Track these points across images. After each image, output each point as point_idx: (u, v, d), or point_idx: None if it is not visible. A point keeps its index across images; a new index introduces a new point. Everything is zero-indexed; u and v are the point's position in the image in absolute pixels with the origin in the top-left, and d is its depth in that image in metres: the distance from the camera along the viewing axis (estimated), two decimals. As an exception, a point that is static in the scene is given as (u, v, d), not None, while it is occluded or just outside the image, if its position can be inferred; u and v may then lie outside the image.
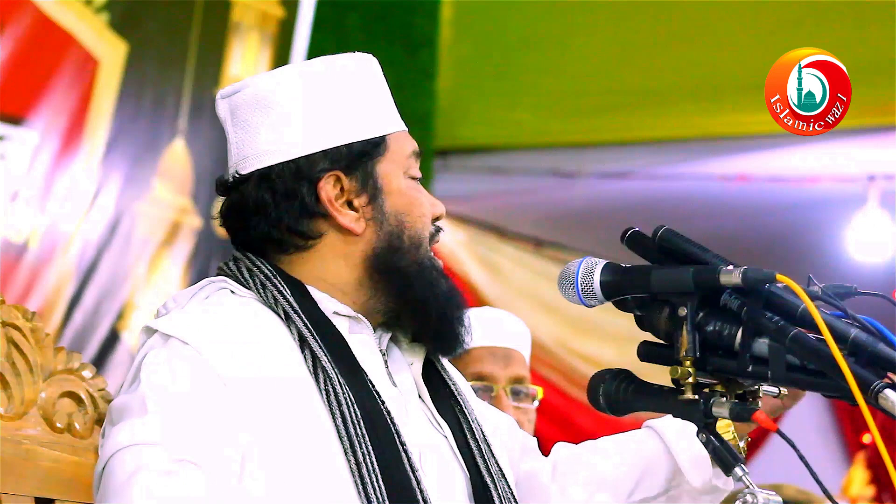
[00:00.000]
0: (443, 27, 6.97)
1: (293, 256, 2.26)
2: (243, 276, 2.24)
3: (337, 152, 2.26)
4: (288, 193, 2.24)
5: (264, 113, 2.26)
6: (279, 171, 2.24)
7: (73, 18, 5.58)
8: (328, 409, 2.14)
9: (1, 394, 2.20)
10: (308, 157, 2.25)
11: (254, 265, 2.25)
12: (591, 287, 2.19)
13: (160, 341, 2.16)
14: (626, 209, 7.05)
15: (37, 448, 2.22)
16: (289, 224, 2.24)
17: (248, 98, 2.27)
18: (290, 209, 2.24)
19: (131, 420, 2.08)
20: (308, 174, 2.24)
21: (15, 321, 2.22)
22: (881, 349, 1.98)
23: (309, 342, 2.18)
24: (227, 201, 2.29)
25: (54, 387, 2.26)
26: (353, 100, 2.30)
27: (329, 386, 2.15)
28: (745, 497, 2.04)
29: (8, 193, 5.40)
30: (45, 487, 2.21)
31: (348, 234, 2.26)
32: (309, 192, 2.24)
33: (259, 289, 2.23)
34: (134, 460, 2.03)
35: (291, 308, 2.20)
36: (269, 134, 2.26)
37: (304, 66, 2.31)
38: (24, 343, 2.23)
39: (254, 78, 2.30)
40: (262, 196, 2.24)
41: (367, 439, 2.13)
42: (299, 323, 2.19)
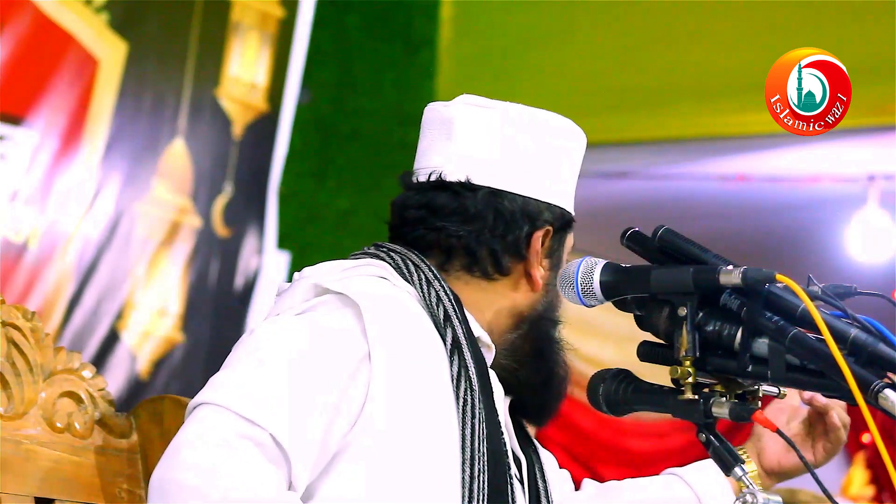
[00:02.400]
0: (443, 27, 6.97)
1: (470, 278, 2.28)
2: (407, 269, 2.24)
3: (557, 211, 2.34)
4: (509, 223, 2.27)
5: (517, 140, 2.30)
6: (511, 199, 2.28)
7: (73, 18, 5.59)
8: (460, 417, 2.14)
9: (1, 394, 2.20)
10: (538, 202, 2.30)
11: (422, 262, 2.25)
12: (591, 287, 2.19)
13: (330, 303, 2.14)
14: (626, 209, 7.06)
15: (37, 448, 2.22)
16: (493, 249, 2.27)
17: (509, 119, 2.32)
18: (502, 237, 2.27)
19: (233, 371, 2.06)
20: (532, 217, 2.29)
21: (15, 321, 2.22)
22: (881, 349, 1.98)
23: (462, 347, 2.18)
24: (431, 194, 2.28)
25: (54, 387, 2.26)
26: (575, 171, 2.38)
27: (468, 396, 2.16)
28: (745, 497, 2.04)
29: (8, 193, 5.41)
30: (45, 487, 2.21)
31: (524, 287, 2.30)
32: (525, 233, 2.29)
33: (422, 286, 2.22)
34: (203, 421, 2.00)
35: (454, 311, 2.21)
36: (516, 162, 2.29)
37: (567, 122, 2.37)
38: (24, 343, 2.23)
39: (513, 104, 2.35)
40: (485, 211, 2.26)
41: (486, 457, 2.14)
42: (458, 327, 2.20)
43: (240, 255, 6.09)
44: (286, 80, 6.37)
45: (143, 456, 2.30)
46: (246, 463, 1.98)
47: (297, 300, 2.18)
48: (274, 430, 2.00)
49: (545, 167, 2.32)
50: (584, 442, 7.88)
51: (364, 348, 2.10)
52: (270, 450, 2.01)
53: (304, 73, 6.45)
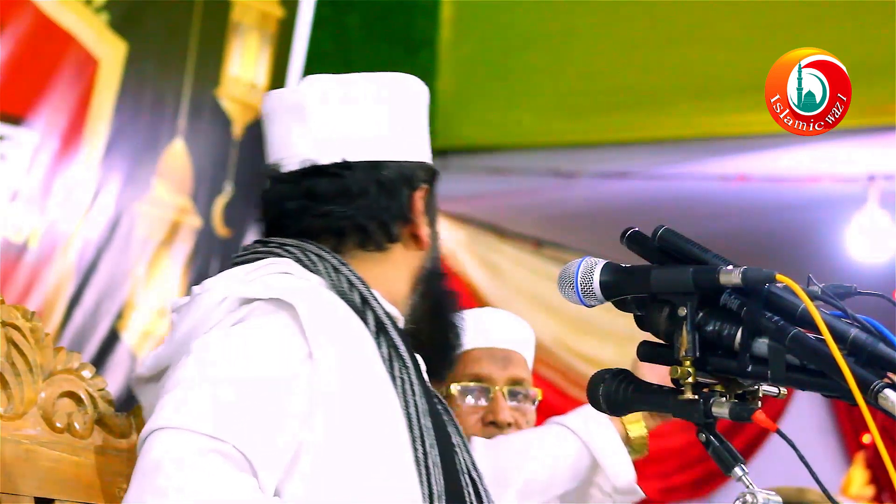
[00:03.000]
0: (443, 27, 6.97)
1: (365, 254, 2.28)
2: (309, 260, 2.23)
3: (428, 168, 2.34)
4: (391, 191, 2.27)
5: (378, 109, 2.29)
6: (388, 167, 2.28)
7: (73, 18, 5.59)
8: (401, 398, 2.16)
9: (1, 394, 2.20)
10: (410, 163, 2.30)
11: (322, 251, 2.25)
12: (591, 287, 2.19)
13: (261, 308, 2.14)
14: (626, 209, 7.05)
15: (37, 448, 2.22)
16: (382, 220, 2.27)
17: (359, 91, 2.30)
18: (388, 206, 2.27)
19: (183, 393, 2.05)
20: (409, 179, 2.29)
21: (15, 321, 2.22)
22: (881, 349, 1.98)
23: (387, 329, 2.20)
24: (308, 181, 2.27)
25: (54, 387, 2.26)
26: (425, 123, 2.37)
27: (403, 374, 2.18)
28: (745, 497, 2.04)
29: (8, 193, 5.41)
30: (44, 487, 2.21)
31: (414, 248, 2.30)
32: (407, 197, 2.29)
33: (330, 273, 2.22)
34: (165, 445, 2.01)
35: (369, 293, 2.21)
36: (381, 130, 2.29)
37: (409, 77, 2.35)
38: (23, 343, 2.23)
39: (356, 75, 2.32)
40: (367, 185, 2.26)
41: (432, 432, 2.16)
42: (378, 309, 2.21)
43: (240, 255, 6.08)
44: (286, 80, 6.37)
45: (143, 456, 2.29)
46: (218, 475, 1.98)
47: (217, 315, 2.16)
48: (235, 441, 2.01)
49: (406, 128, 2.31)
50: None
51: (305, 348, 2.11)
52: (237, 460, 2.01)
53: (304, 73, 6.45)
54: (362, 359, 2.17)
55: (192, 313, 2.20)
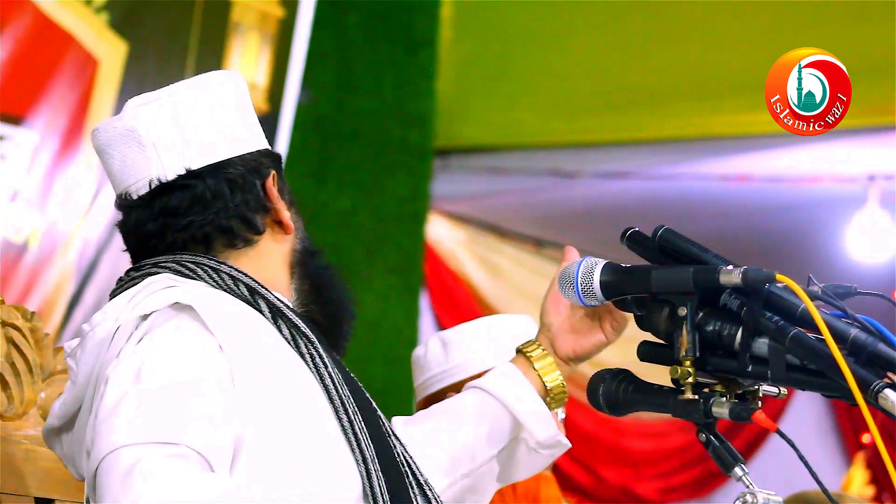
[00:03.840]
0: (443, 27, 6.97)
1: (237, 253, 2.29)
2: (186, 268, 2.25)
3: (270, 154, 2.35)
4: (242, 186, 2.28)
5: (204, 112, 2.30)
6: (232, 164, 2.29)
7: (73, 18, 5.59)
8: (315, 372, 2.18)
9: (1, 394, 2.20)
10: (252, 154, 2.31)
11: (195, 257, 2.26)
12: (591, 287, 2.19)
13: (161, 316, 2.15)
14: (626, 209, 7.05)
15: (37, 448, 2.22)
16: (243, 216, 2.28)
17: (183, 100, 2.30)
18: (244, 201, 2.28)
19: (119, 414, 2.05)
20: (257, 169, 2.30)
21: (15, 321, 2.23)
22: (881, 349, 1.98)
23: (281, 310, 2.21)
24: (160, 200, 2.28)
25: (54, 387, 2.26)
26: (253, 111, 2.38)
27: (312, 350, 2.20)
28: (745, 497, 2.04)
29: (8, 193, 5.40)
30: (45, 487, 2.21)
31: (280, 234, 2.32)
32: (260, 187, 2.30)
33: (211, 275, 2.23)
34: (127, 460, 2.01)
35: (255, 283, 2.23)
36: (214, 130, 2.29)
37: (217, 74, 2.37)
38: (23, 343, 2.23)
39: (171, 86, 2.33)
40: (218, 188, 2.27)
41: (352, 399, 2.18)
42: (269, 295, 2.22)
43: (240, 255, 6.08)
44: (286, 80, 6.37)
45: (143, 456, 2.29)
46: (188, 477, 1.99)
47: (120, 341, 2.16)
48: (188, 442, 2.02)
49: (236, 122, 2.32)
50: (584, 442, 7.88)
51: (214, 343, 2.12)
52: (197, 460, 2.02)
53: (304, 73, 6.45)
54: (267, 344, 2.19)
55: (89, 351, 2.19)
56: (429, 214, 7.12)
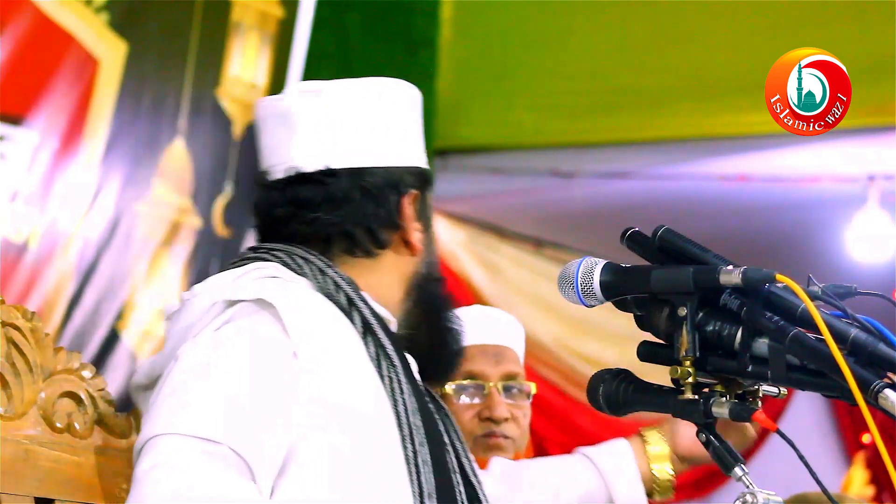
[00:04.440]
0: (443, 27, 6.97)
1: (354, 260, 2.28)
2: (296, 263, 2.24)
3: (419, 173, 2.33)
4: (377, 197, 2.28)
5: (360, 115, 2.29)
6: (373, 173, 2.28)
7: (73, 18, 5.59)
8: (390, 396, 2.17)
9: (1, 394, 2.20)
10: (398, 169, 2.30)
11: (308, 254, 2.26)
12: (591, 287, 2.19)
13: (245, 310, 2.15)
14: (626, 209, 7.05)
15: (37, 448, 2.22)
16: (369, 226, 2.28)
17: (345, 97, 2.30)
18: (375, 213, 2.28)
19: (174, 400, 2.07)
20: (396, 185, 2.29)
21: (15, 321, 2.22)
22: (881, 349, 1.98)
23: (374, 329, 2.20)
24: (294, 189, 2.28)
25: (54, 387, 2.26)
26: (420, 128, 2.37)
27: (392, 374, 2.18)
28: (745, 497, 2.04)
29: (8, 193, 5.40)
30: (44, 487, 2.21)
31: (405, 254, 2.31)
32: (395, 203, 2.29)
33: (317, 276, 2.23)
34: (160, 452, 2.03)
35: (357, 294, 2.22)
36: (366, 136, 2.29)
37: (398, 82, 2.36)
38: (23, 343, 2.23)
39: (343, 81, 2.33)
40: (351, 192, 2.26)
41: (422, 430, 2.16)
42: (364, 309, 2.21)
43: (240, 255, 6.08)
44: (286, 80, 6.37)
45: (143, 456, 2.29)
46: (215, 479, 2.00)
47: (206, 319, 2.18)
48: (231, 443, 2.03)
49: (393, 133, 2.31)
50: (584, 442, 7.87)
51: (290, 346, 2.12)
52: (234, 462, 2.02)
53: (304, 73, 6.45)
54: (349, 358, 2.17)
55: (183, 319, 2.22)
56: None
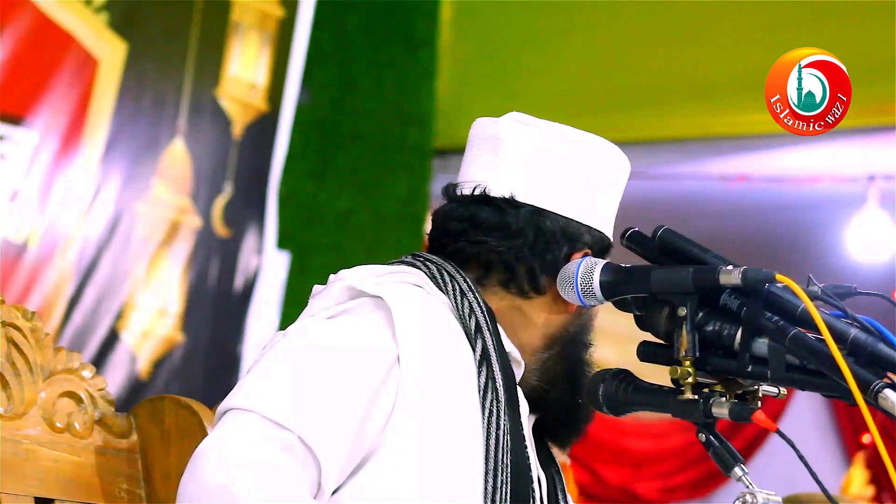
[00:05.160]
0: (443, 27, 6.97)
1: (506, 294, 2.28)
2: (442, 279, 2.24)
3: (597, 235, 2.32)
4: (549, 242, 2.27)
5: (566, 161, 2.30)
6: (553, 219, 2.28)
7: (73, 18, 5.59)
8: (485, 427, 2.15)
9: (1, 394, 2.20)
10: (579, 224, 2.30)
11: (457, 273, 2.26)
12: (591, 287, 2.19)
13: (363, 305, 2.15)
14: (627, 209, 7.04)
15: (37, 448, 2.22)
16: (531, 267, 2.27)
17: (555, 139, 2.31)
18: (541, 256, 2.26)
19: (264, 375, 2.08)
20: (572, 238, 2.28)
21: (15, 321, 2.22)
22: (881, 349, 1.98)
23: (490, 359, 2.19)
24: (474, 207, 2.29)
25: (54, 387, 2.26)
26: (616, 198, 2.39)
27: (494, 407, 2.16)
28: (745, 497, 2.04)
29: (8, 193, 5.41)
30: (45, 487, 2.21)
31: (560, 305, 2.29)
32: (564, 254, 2.28)
33: (456, 296, 2.23)
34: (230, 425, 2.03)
35: (486, 323, 2.21)
36: (561, 182, 2.30)
37: (612, 147, 2.38)
38: (23, 343, 2.23)
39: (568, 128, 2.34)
40: (527, 228, 2.26)
41: (509, 469, 2.15)
42: (489, 339, 2.20)
43: (240, 255, 6.09)
44: (286, 80, 6.37)
45: (143, 456, 2.30)
46: (269, 466, 1.99)
47: (330, 302, 2.19)
48: (302, 433, 2.02)
49: (589, 190, 2.32)
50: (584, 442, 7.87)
51: (394, 351, 2.11)
52: (298, 452, 2.02)
53: (304, 73, 6.45)
54: (455, 380, 2.16)
55: (321, 300, 2.22)
56: (429, 214, 7.12)
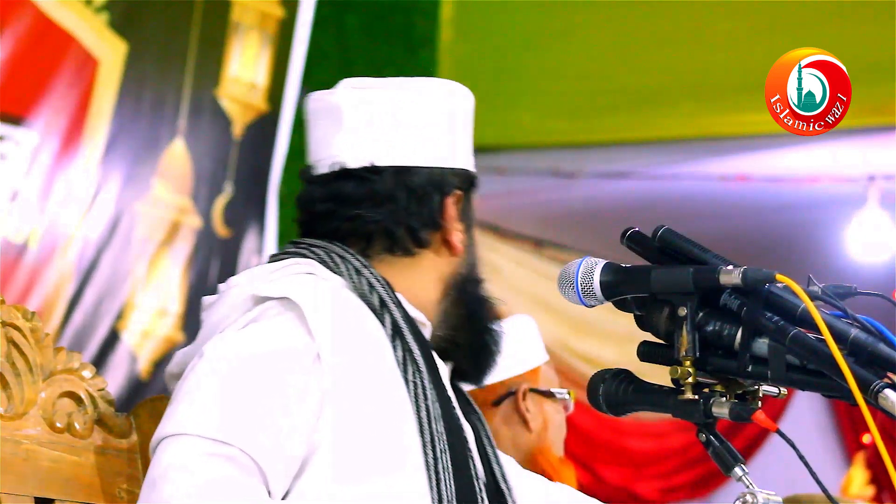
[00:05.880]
0: (443, 27, 6.98)
1: (393, 259, 2.28)
2: (333, 261, 2.24)
3: (464, 175, 2.33)
4: (420, 197, 2.27)
5: (408, 115, 2.29)
6: (417, 172, 2.28)
7: (73, 18, 5.59)
8: (413, 401, 2.16)
9: (1, 394, 2.20)
10: (443, 170, 2.30)
11: (346, 252, 2.26)
12: (591, 287, 2.19)
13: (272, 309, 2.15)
14: (626, 209, 7.06)
15: (37, 448, 2.22)
16: (410, 225, 2.27)
17: (394, 96, 2.30)
18: (417, 212, 2.27)
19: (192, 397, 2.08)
20: (440, 185, 2.29)
21: (15, 321, 2.22)
22: (881, 349, 1.98)
23: (403, 332, 2.20)
24: (337, 184, 2.28)
25: (54, 387, 2.26)
26: (469, 131, 2.37)
27: (418, 379, 2.18)
28: (745, 497, 2.04)
29: (8, 193, 5.40)
30: (44, 487, 2.21)
31: (446, 254, 2.31)
32: (437, 203, 2.29)
33: (352, 275, 2.23)
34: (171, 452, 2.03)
35: (389, 296, 2.22)
36: (415, 135, 2.29)
37: (449, 83, 2.36)
38: (24, 343, 2.23)
39: (394, 79, 2.33)
40: (394, 191, 2.26)
41: (445, 437, 2.16)
42: (396, 312, 2.21)
43: (240, 255, 6.09)
44: (286, 80, 6.37)
45: (143, 456, 2.30)
46: (223, 481, 2.00)
47: (235, 313, 2.19)
48: (240, 444, 2.03)
49: (440, 134, 2.31)
50: (584, 442, 7.88)
51: (313, 349, 2.12)
52: (243, 462, 2.03)
53: (304, 73, 6.45)
54: (374, 361, 2.17)
55: (217, 310, 2.22)
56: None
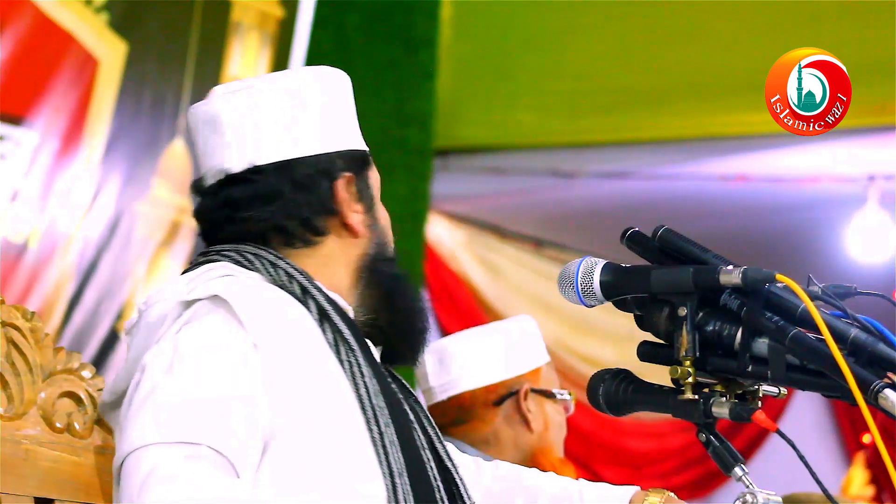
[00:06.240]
0: (443, 27, 6.97)
1: (296, 252, 2.29)
2: (246, 259, 2.26)
3: (350, 156, 2.34)
4: (307, 187, 2.28)
5: (283, 108, 2.30)
6: (300, 163, 2.28)
7: (73, 18, 5.59)
8: (351, 380, 2.17)
9: (1, 394, 2.20)
10: (328, 156, 2.31)
11: (258, 249, 2.27)
12: (591, 287, 2.19)
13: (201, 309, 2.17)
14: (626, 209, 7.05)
15: (36, 448, 2.22)
16: (303, 217, 2.28)
17: (266, 93, 2.31)
18: (307, 202, 2.28)
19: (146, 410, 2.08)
20: (327, 171, 2.30)
21: (15, 321, 2.22)
22: (881, 349, 1.98)
23: (329, 315, 2.21)
24: (224, 192, 2.30)
25: (54, 387, 2.26)
26: (351, 111, 2.40)
27: (352, 358, 2.19)
28: (745, 497, 2.04)
29: (8, 193, 5.40)
30: (44, 487, 2.21)
31: (348, 237, 2.31)
32: (326, 189, 2.29)
33: (269, 269, 2.24)
34: (146, 463, 2.03)
35: (310, 283, 2.23)
36: (290, 127, 2.30)
37: (318, 69, 2.39)
38: (23, 343, 2.23)
39: (265, 76, 2.36)
40: (280, 186, 2.27)
41: (386, 412, 2.17)
42: (319, 297, 2.22)
43: (240, 255, 6.09)
44: (286, 80, 6.36)
45: (143, 456, 2.29)
46: (205, 479, 2.00)
47: (166, 325, 2.19)
48: (208, 442, 2.04)
49: (318, 120, 2.32)
50: (583, 442, 7.88)
51: (248, 340, 2.13)
52: (214, 459, 2.04)
53: (305, 74, 6.44)
54: (307, 346, 2.19)
55: (141, 330, 2.23)
56: (428, 215, 7.13)
